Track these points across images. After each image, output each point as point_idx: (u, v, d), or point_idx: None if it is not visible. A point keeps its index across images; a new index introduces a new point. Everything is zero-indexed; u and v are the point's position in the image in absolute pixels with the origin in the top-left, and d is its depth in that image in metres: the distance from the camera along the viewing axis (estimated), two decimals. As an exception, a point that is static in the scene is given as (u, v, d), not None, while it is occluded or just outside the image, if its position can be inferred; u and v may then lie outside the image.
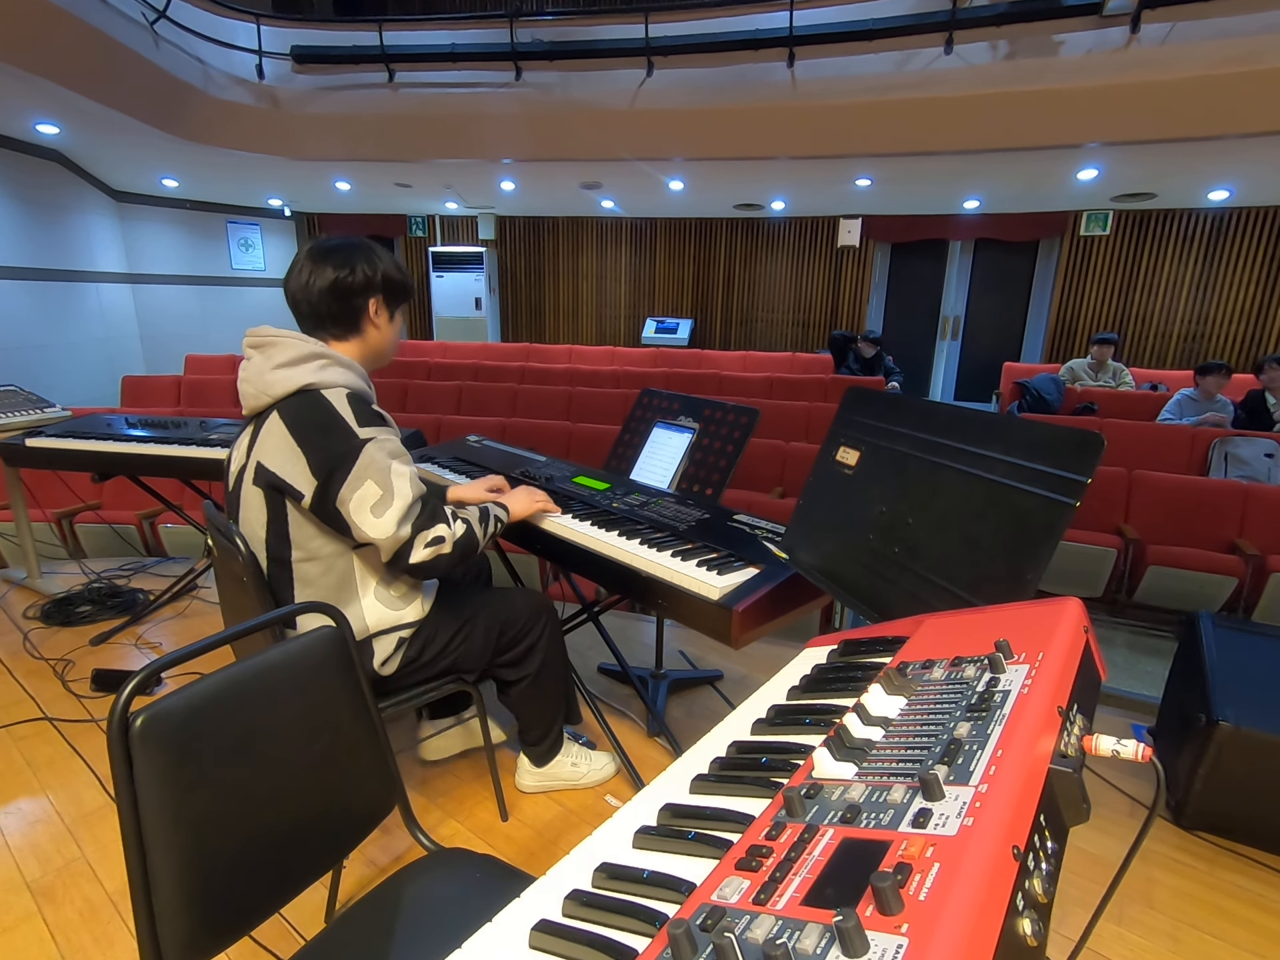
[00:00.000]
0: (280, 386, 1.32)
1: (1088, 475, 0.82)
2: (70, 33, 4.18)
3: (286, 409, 1.31)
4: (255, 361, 1.36)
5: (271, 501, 1.33)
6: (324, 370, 1.34)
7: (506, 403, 5.59)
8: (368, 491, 1.27)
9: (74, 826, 1.68)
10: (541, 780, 1.77)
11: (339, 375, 1.36)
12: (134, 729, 0.78)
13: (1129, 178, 5.95)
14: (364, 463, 1.28)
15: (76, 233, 6.72)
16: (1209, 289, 7.00)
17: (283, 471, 1.29)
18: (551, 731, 1.73)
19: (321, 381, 1.33)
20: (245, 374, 1.36)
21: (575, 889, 0.47)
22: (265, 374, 1.33)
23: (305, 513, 1.33)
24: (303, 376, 1.32)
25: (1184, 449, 4.42)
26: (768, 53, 5.19)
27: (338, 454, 1.28)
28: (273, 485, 1.31)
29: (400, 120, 5.84)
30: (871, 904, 0.34)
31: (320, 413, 1.30)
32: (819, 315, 8.54)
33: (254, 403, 1.35)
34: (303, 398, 1.32)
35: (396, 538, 1.28)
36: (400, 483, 1.29)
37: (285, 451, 1.29)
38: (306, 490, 1.29)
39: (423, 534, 1.31)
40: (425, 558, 1.32)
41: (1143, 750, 0.50)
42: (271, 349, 1.35)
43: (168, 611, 2.75)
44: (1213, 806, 1.64)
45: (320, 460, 1.28)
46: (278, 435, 1.30)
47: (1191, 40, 4.32)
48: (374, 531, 1.28)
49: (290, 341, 1.35)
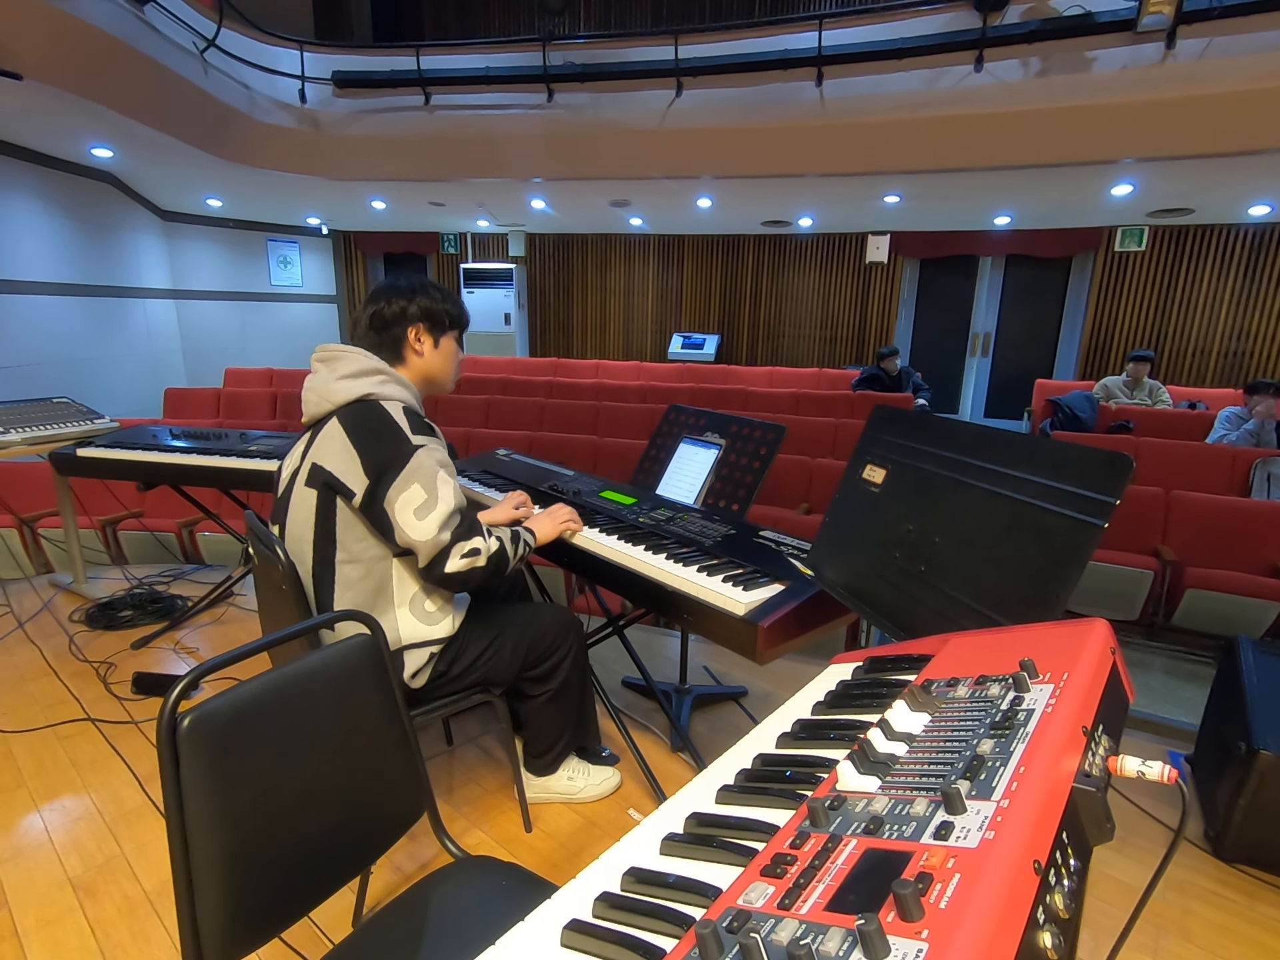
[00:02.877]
0: (342, 395, 1.41)
1: (1116, 496, 0.82)
2: (126, 62, 4.38)
3: (346, 414, 1.40)
4: (320, 373, 1.46)
5: (323, 501, 1.39)
6: (383, 385, 1.45)
7: (534, 416, 5.67)
8: (414, 494, 1.34)
9: (114, 825, 1.73)
10: (537, 792, 1.79)
11: (396, 390, 1.46)
12: (181, 729, 0.81)
13: (1165, 193, 5.86)
14: (413, 466, 1.35)
15: (125, 250, 6.99)
16: (1250, 306, 6.83)
17: (338, 470, 1.37)
18: (555, 747, 1.75)
19: (380, 394, 1.43)
20: (310, 384, 1.46)
21: (605, 891, 0.49)
22: (330, 384, 1.43)
23: (355, 512, 1.39)
24: (363, 387, 1.42)
25: (1224, 469, 4.31)
26: (796, 72, 5.24)
27: (390, 456, 1.36)
28: (327, 484, 1.38)
29: (435, 141, 6.00)
30: (893, 910, 0.35)
31: (377, 419, 1.39)
32: (846, 331, 8.51)
33: (315, 409, 1.45)
34: (362, 405, 1.41)
35: (436, 541, 1.34)
36: (445, 490, 1.36)
37: (341, 453, 1.37)
38: (358, 489, 1.36)
39: (460, 544, 1.37)
40: (460, 568, 1.37)
41: (1168, 772, 0.50)
42: (336, 362, 1.46)
43: (205, 617, 2.82)
44: (1253, 838, 1.59)
45: (373, 460, 1.35)
46: (336, 438, 1.39)
47: (1230, 55, 4.25)
48: (415, 533, 1.34)
49: (355, 356, 1.46)
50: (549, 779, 1.78)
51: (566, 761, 1.81)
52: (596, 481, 2.11)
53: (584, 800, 1.81)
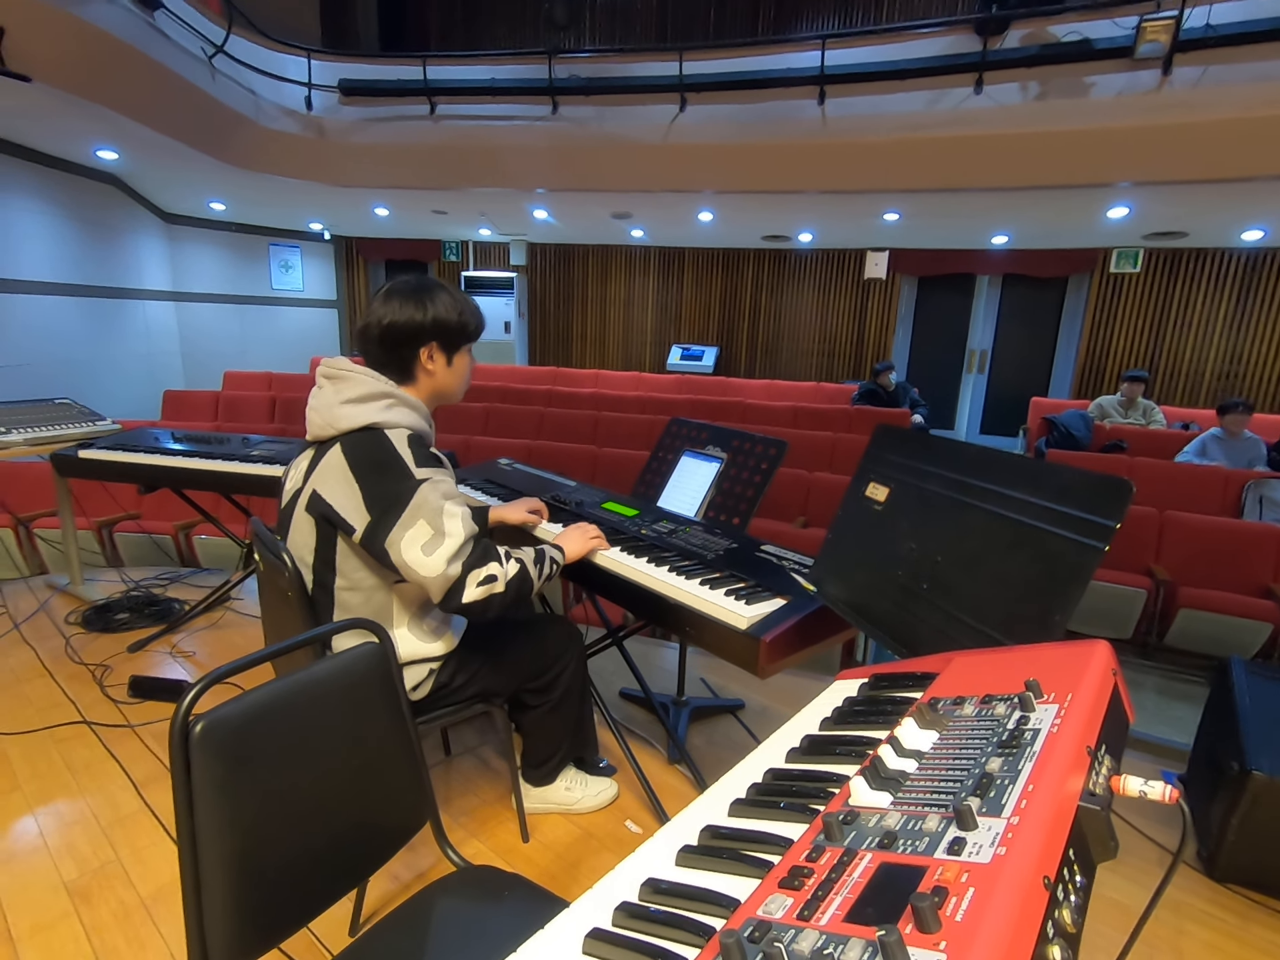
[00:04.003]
0: (346, 421, 1.36)
1: (1117, 520, 0.84)
2: (136, 67, 4.42)
3: (349, 444, 1.35)
4: (326, 392, 1.41)
5: (321, 531, 1.37)
6: (389, 410, 1.39)
7: (533, 425, 5.68)
8: (419, 531, 1.29)
9: (109, 829, 1.72)
10: (532, 802, 1.79)
11: (403, 416, 1.40)
12: (194, 735, 0.82)
13: (1160, 217, 5.94)
14: (417, 502, 1.30)
15: (127, 252, 7.01)
16: (1243, 328, 6.92)
17: (337, 504, 1.33)
18: (553, 758, 1.75)
19: (386, 421, 1.37)
20: (315, 403, 1.41)
21: (625, 901, 0.50)
22: (334, 407, 1.37)
23: (354, 546, 1.36)
24: (368, 415, 1.36)
25: (1217, 490, 4.35)
26: (799, 90, 5.31)
27: (393, 492, 1.31)
28: (325, 517, 1.35)
29: (440, 150, 6.05)
30: (911, 922, 0.37)
31: (381, 451, 1.34)
32: (844, 346, 8.58)
33: (319, 432, 1.40)
34: (366, 434, 1.36)
35: (446, 576, 1.29)
36: (452, 523, 1.31)
37: (342, 485, 1.33)
38: (359, 525, 1.32)
39: (474, 572, 1.31)
40: (478, 596, 1.32)
41: (1169, 792, 0.51)
42: (342, 383, 1.40)
43: (202, 621, 2.82)
44: (1246, 859, 1.60)
45: (375, 496, 1.31)
46: (337, 468, 1.34)
47: (1225, 83, 4.34)
48: (424, 570, 1.28)
49: (361, 378, 1.40)
50: (546, 789, 1.79)
51: (564, 772, 1.81)
52: (599, 493, 2.13)
53: (581, 811, 1.82)
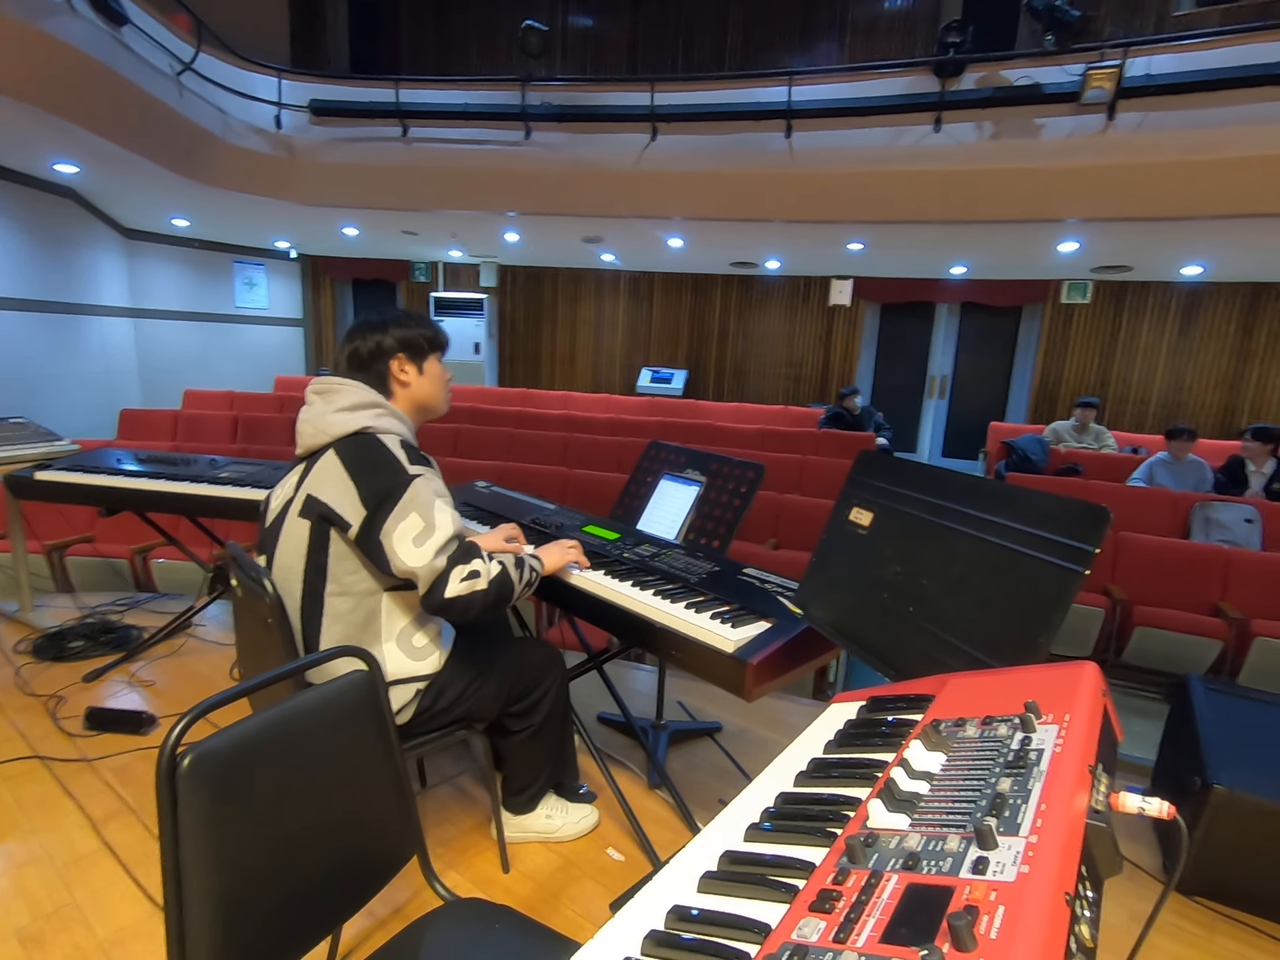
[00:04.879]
0: (339, 428, 1.42)
1: (1095, 545, 0.88)
2: (100, 81, 4.34)
3: (343, 446, 1.41)
4: (316, 406, 1.47)
5: (316, 533, 1.39)
6: (380, 418, 1.46)
7: (503, 447, 5.65)
8: (411, 523, 1.33)
9: (64, 870, 1.64)
10: (513, 830, 1.76)
11: (392, 424, 1.47)
12: (181, 768, 0.80)
13: (1107, 251, 6.25)
14: (410, 495, 1.35)
15: (84, 267, 6.82)
16: (1185, 358, 7.28)
17: (334, 502, 1.37)
18: (534, 785, 1.74)
19: (377, 427, 1.44)
20: (305, 416, 1.47)
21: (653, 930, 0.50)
22: (326, 416, 1.43)
23: (350, 544, 1.39)
24: (360, 420, 1.43)
25: (1166, 512, 4.54)
26: (767, 123, 5.48)
27: (388, 486, 1.36)
28: (322, 516, 1.38)
29: (411, 172, 6.05)
30: (947, 941, 0.38)
31: (375, 451, 1.40)
32: (811, 370, 8.76)
33: (311, 441, 1.45)
34: (359, 437, 1.42)
35: (433, 567, 1.32)
36: (442, 518, 1.36)
37: (338, 484, 1.37)
38: (355, 520, 1.35)
39: (459, 567, 1.35)
40: (461, 591, 1.34)
41: (1167, 808, 0.54)
42: (333, 395, 1.46)
43: (162, 649, 2.72)
44: (1210, 871, 1.65)
45: (371, 491, 1.36)
46: (333, 470, 1.39)
47: (1164, 129, 4.62)
48: (412, 560, 1.32)
49: (352, 389, 1.47)
50: (526, 818, 1.76)
51: (545, 800, 1.79)
52: (579, 516, 2.13)
53: (562, 839, 1.79)
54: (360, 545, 1.37)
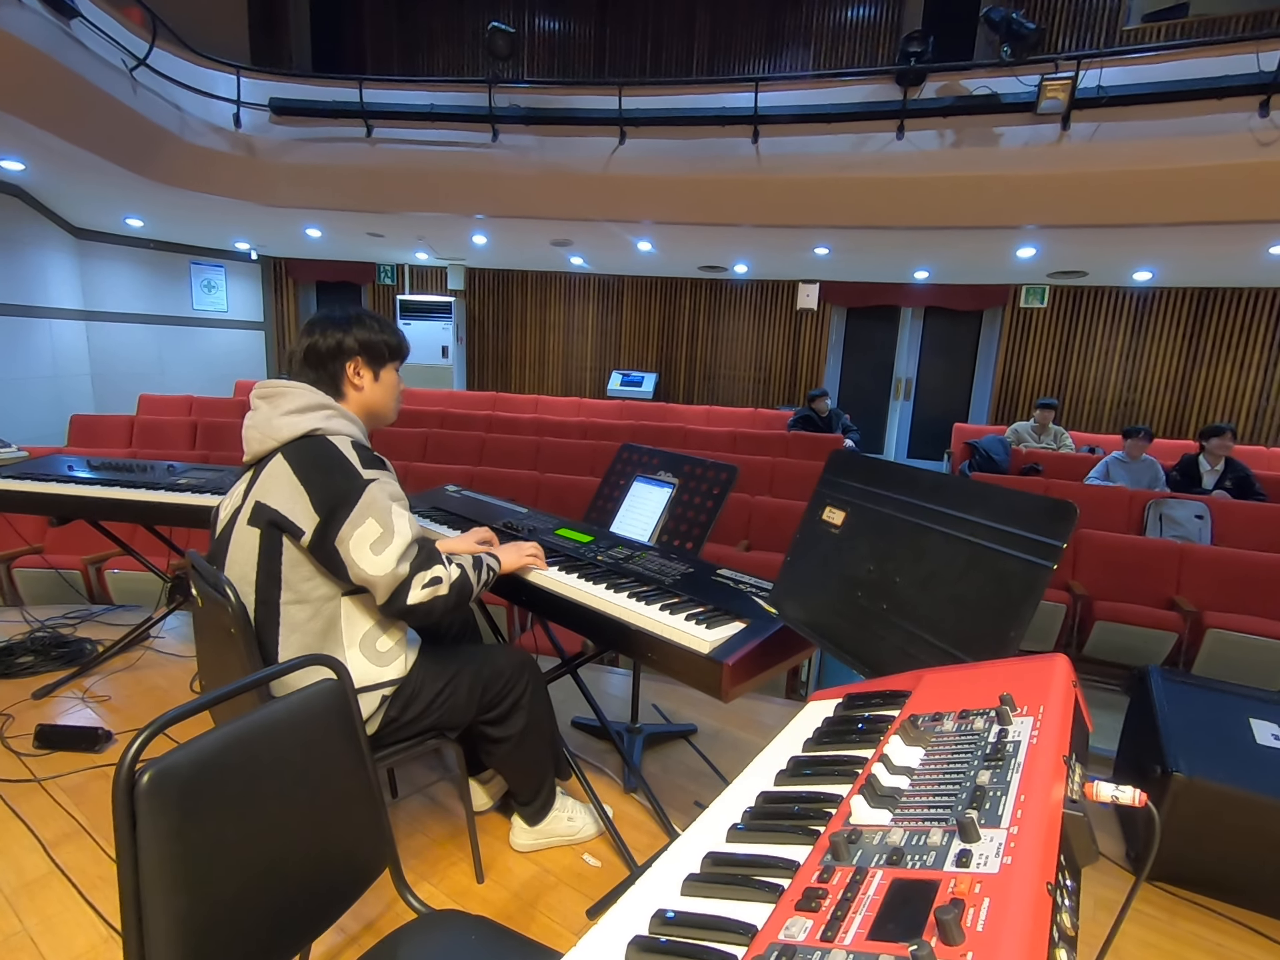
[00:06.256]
0: (287, 431, 1.36)
1: (1063, 540, 0.90)
2: (47, 74, 4.19)
3: (292, 450, 1.35)
4: (262, 410, 1.40)
5: (267, 540, 1.33)
6: (330, 420, 1.40)
7: (474, 451, 5.59)
8: (369, 529, 1.29)
9: (14, 897, 1.57)
10: (537, 839, 1.73)
11: (343, 425, 1.42)
12: (140, 786, 0.76)
13: (1063, 257, 6.44)
14: (366, 501, 1.31)
15: (31, 268, 6.57)
16: (1137, 360, 7.54)
17: (284, 509, 1.31)
18: (542, 790, 1.71)
19: (328, 429, 1.38)
20: (251, 421, 1.40)
21: (637, 935, 0.49)
22: (273, 420, 1.37)
23: (303, 551, 1.34)
24: (309, 423, 1.37)
25: (1122, 509, 4.68)
26: (734, 128, 5.53)
27: (341, 492, 1.31)
28: (273, 523, 1.32)
29: (376, 173, 5.96)
30: (935, 935, 0.38)
31: (325, 454, 1.35)
32: (779, 373, 8.86)
33: (258, 447, 1.39)
34: (309, 440, 1.36)
35: (395, 574, 1.30)
36: (399, 522, 1.33)
37: (288, 489, 1.32)
38: (307, 527, 1.31)
39: (420, 574, 1.32)
40: (423, 599, 1.32)
41: (1139, 796, 0.55)
42: (280, 398, 1.40)
43: (118, 663, 2.62)
44: (1171, 857, 1.70)
45: (323, 497, 1.31)
46: (281, 475, 1.33)
47: (1115, 139, 4.78)
48: (372, 569, 1.29)
49: (299, 391, 1.41)
50: (549, 824, 1.73)
51: (561, 802, 1.75)
52: (552, 519, 2.11)
53: (585, 839, 1.77)
54: (314, 553, 1.33)
